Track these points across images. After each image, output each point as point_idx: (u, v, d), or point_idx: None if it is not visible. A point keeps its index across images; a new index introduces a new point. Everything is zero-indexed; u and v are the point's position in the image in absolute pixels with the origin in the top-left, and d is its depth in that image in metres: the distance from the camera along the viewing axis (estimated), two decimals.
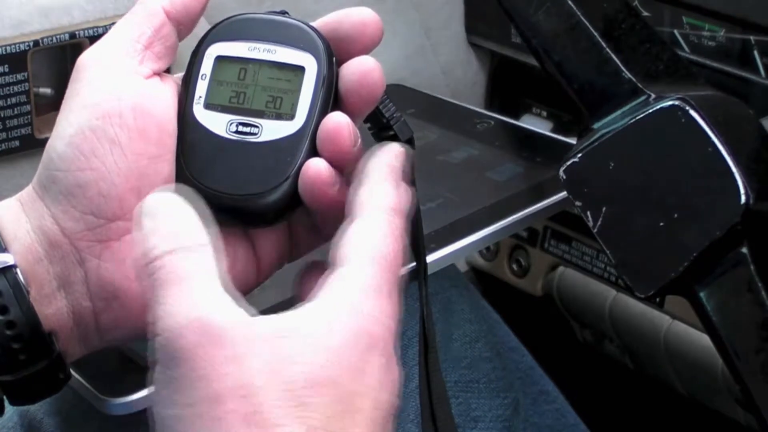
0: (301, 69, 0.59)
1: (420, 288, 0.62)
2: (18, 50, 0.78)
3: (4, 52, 0.78)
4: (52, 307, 0.58)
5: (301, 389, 0.48)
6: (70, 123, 0.58)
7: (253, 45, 0.59)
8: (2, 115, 0.80)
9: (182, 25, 0.60)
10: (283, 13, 0.61)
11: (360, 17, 0.60)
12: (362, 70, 0.58)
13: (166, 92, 0.59)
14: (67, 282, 0.58)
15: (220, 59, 0.60)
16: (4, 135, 0.80)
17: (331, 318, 0.50)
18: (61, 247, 0.58)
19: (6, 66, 0.78)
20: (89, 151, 0.57)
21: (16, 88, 0.80)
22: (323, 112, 0.58)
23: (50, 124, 0.82)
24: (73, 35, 0.80)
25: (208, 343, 0.48)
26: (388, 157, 0.57)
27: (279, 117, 0.58)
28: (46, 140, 0.81)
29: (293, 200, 0.57)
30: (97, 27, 0.81)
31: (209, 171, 0.58)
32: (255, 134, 0.58)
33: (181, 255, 0.51)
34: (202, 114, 0.59)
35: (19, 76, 0.79)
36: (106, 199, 0.57)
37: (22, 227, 0.58)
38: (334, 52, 0.59)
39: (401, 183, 0.56)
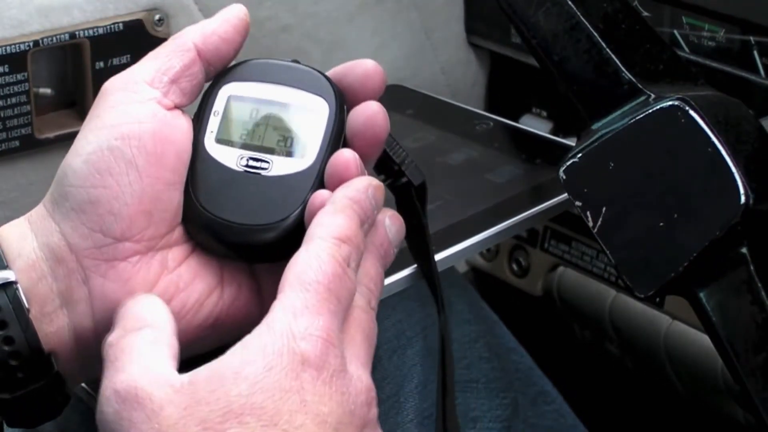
0: (312, 112, 0.60)
1: (440, 326, 0.63)
2: (18, 50, 0.78)
3: (4, 52, 0.78)
4: (53, 326, 0.58)
5: (218, 425, 0.49)
6: (88, 141, 0.58)
7: (266, 87, 0.61)
8: (2, 115, 0.80)
9: (211, 66, 0.61)
10: (295, 61, 0.62)
11: (364, 69, 0.61)
12: (367, 114, 0.60)
13: (185, 124, 0.60)
14: (71, 300, 0.58)
15: (233, 98, 0.61)
16: (4, 135, 0.80)
17: (247, 349, 0.52)
18: (67, 264, 0.58)
19: (6, 66, 0.78)
20: (105, 169, 0.57)
21: (16, 88, 0.80)
22: (333, 151, 0.59)
23: (50, 124, 0.82)
24: (73, 35, 0.80)
25: (127, 407, 0.51)
26: (351, 190, 0.57)
27: (289, 155, 0.59)
28: (46, 140, 0.82)
29: (300, 234, 0.57)
30: (97, 27, 0.81)
31: (218, 201, 0.59)
32: (265, 169, 0.59)
33: (125, 335, 0.54)
34: (213, 147, 0.60)
35: (19, 76, 0.79)
36: (117, 218, 0.57)
37: (28, 244, 0.58)
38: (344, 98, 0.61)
39: (364, 215, 0.57)
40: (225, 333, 0.60)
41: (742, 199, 0.57)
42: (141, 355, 0.53)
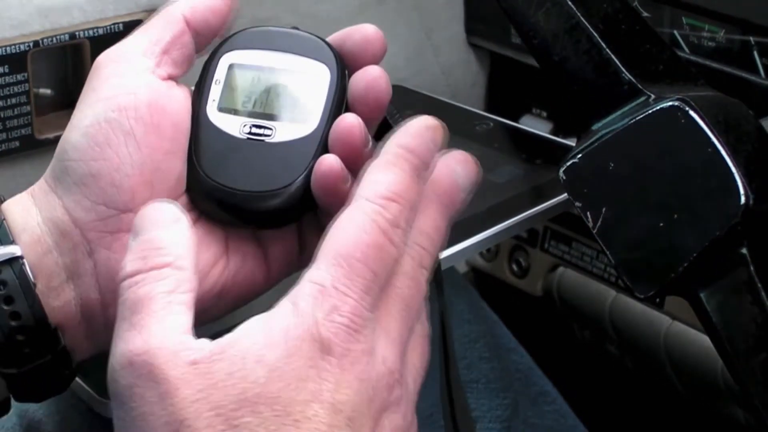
0: (314, 77, 0.59)
1: (441, 307, 0.62)
2: (18, 51, 0.78)
3: (4, 53, 0.78)
4: (60, 300, 0.58)
5: (231, 411, 0.48)
6: (85, 115, 0.58)
7: (267, 54, 0.60)
8: (2, 116, 0.80)
9: (201, 37, 0.61)
10: (295, 28, 0.62)
11: (364, 35, 0.60)
12: (369, 78, 0.59)
13: (181, 94, 0.60)
14: (76, 273, 0.58)
15: (234, 66, 0.61)
16: (4, 135, 0.80)
17: (270, 330, 0.50)
18: (72, 238, 0.58)
19: (6, 66, 0.78)
20: (104, 141, 0.57)
21: (16, 89, 0.80)
22: (336, 117, 0.59)
23: (50, 125, 0.82)
24: (73, 36, 0.80)
25: (141, 383, 0.49)
26: (402, 137, 0.55)
27: (292, 121, 0.59)
28: (46, 140, 0.82)
29: (305, 199, 0.58)
30: (97, 27, 0.81)
31: (222, 169, 0.59)
32: (269, 135, 0.59)
33: (144, 278, 0.52)
34: (215, 116, 0.60)
35: (19, 77, 0.79)
36: (119, 190, 0.57)
37: (32, 219, 0.58)
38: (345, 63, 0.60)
39: (420, 163, 0.54)
40: (230, 302, 0.60)
41: (742, 199, 0.57)
42: (160, 315, 0.51)
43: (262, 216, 0.59)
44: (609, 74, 0.61)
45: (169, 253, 0.52)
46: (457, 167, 0.57)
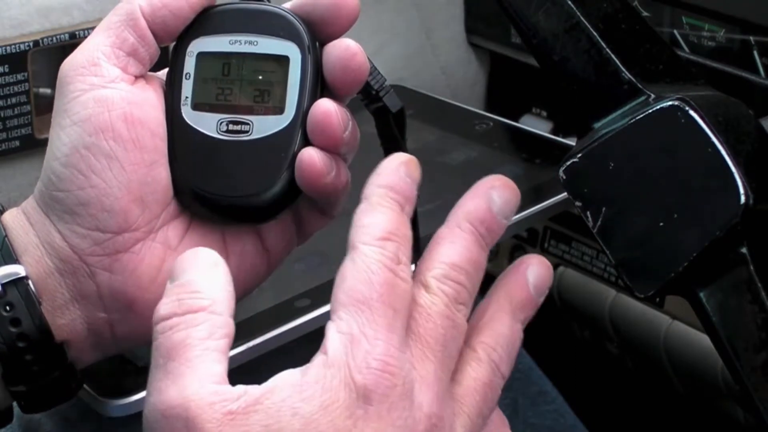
0: (284, 59, 0.58)
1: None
2: (18, 50, 0.78)
3: (4, 52, 0.78)
4: (65, 318, 0.58)
5: None
6: (63, 142, 0.58)
7: (233, 38, 0.59)
8: (2, 115, 0.80)
9: (158, 38, 0.59)
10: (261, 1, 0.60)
11: None
12: (345, 57, 0.58)
13: (153, 94, 0.59)
14: (81, 294, 0.58)
15: (201, 56, 0.59)
16: (4, 135, 0.80)
17: (305, 382, 0.49)
18: (71, 263, 0.58)
19: (6, 66, 0.78)
20: (87, 169, 0.57)
21: (16, 88, 0.80)
22: (312, 100, 0.58)
23: (50, 124, 0.82)
24: (73, 35, 0.80)
25: None
26: (381, 177, 0.53)
27: (268, 112, 0.58)
28: (46, 140, 0.81)
29: (292, 192, 0.58)
30: None
31: (205, 174, 0.58)
32: (246, 132, 0.58)
33: (179, 322, 0.50)
34: (190, 115, 0.59)
35: (19, 76, 0.79)
36: (111, 213, 0.57)
37: (31, 241, 0.58)
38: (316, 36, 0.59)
39: (403, 198, 0.53)
40: (236, 296, 0.60)
41: (742, 199, 0.57)
42: (195, 363, 0.49)
43: (253, 215, 0.59)
44: (609, 74, 0.61)
45: (205, 297, 0.51)
46: (492, 193, 0.55)
